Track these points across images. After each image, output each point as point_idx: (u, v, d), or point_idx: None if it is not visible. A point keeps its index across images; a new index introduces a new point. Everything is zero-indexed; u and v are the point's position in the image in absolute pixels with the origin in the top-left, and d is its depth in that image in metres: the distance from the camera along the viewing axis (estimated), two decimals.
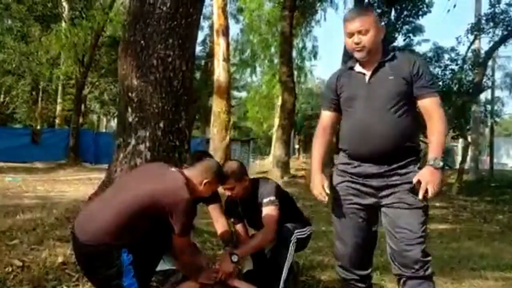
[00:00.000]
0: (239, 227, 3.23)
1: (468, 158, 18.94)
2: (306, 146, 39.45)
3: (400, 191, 2.31)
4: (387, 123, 2.28)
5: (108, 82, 25.34)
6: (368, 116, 2.31)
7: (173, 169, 2.45)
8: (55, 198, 8.37)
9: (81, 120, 22.48)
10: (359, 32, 2.27)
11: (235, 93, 31.22)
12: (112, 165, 4.40)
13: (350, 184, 2.42)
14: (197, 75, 21.67)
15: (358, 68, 2.41)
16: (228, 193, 2.96)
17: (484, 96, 22.31)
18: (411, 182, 2.25)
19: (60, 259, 3.21)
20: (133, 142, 4.21)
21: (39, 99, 26.82)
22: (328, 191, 2.39)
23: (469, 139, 19.13)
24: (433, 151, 2.24)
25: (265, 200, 2.89)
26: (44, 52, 20.72)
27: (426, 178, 2.19)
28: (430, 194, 2.19)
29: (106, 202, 2.35)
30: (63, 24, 20.71)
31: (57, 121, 25.51)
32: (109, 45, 23.08)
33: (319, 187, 2.41)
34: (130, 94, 4.21)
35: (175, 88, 4.22)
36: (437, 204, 10.52)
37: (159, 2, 4.09)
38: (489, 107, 23.16)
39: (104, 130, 35.38)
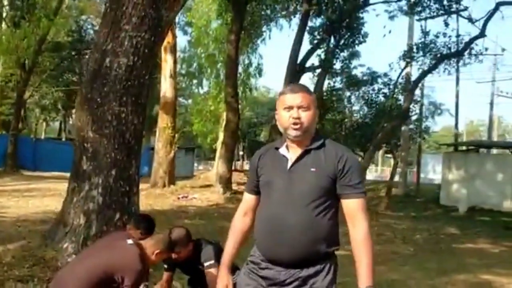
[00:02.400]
0: (167, 275, 3.58)
1: (398, 172, 20.63)
2: (251, 152, 40.58)
3: None
4: (304, 222, 2.00)
5: (50, 86, 24.74)
6: (283, 211, 2.03)
7: (130, 241, 2.96)
8: None
9: (20, 125, 21.83)
10: (300, 107, 2.05)
11: (180, 99, 31.43)
12: (65, 207, 4.81)
13: None
14: None
15: (283, 150, 2.12)
16: (174, 256, 3.34)
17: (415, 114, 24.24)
18: None
19: None
20: (86, 187, 4.66)
21: None
22: None
23: (399, 156, 20.83)
24: (365, 278, 1.95)
25: (206, 264, 3.29)
26: None
27: None
28: None
29: (72, 270, 2.84)
30: (3, 25, 20.09)
31: None
32: (52, 50, 22.65)
33: None
34: (85, 144, 4.65)
35: (127, 140, 4.72)
36: None
37: (115, 65, 4.59)
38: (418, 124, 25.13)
39: (43, 136, 34.31)
